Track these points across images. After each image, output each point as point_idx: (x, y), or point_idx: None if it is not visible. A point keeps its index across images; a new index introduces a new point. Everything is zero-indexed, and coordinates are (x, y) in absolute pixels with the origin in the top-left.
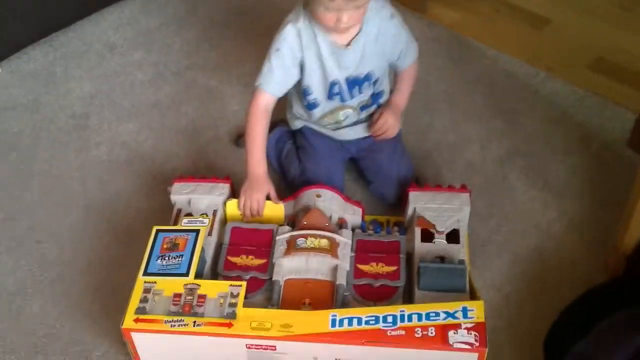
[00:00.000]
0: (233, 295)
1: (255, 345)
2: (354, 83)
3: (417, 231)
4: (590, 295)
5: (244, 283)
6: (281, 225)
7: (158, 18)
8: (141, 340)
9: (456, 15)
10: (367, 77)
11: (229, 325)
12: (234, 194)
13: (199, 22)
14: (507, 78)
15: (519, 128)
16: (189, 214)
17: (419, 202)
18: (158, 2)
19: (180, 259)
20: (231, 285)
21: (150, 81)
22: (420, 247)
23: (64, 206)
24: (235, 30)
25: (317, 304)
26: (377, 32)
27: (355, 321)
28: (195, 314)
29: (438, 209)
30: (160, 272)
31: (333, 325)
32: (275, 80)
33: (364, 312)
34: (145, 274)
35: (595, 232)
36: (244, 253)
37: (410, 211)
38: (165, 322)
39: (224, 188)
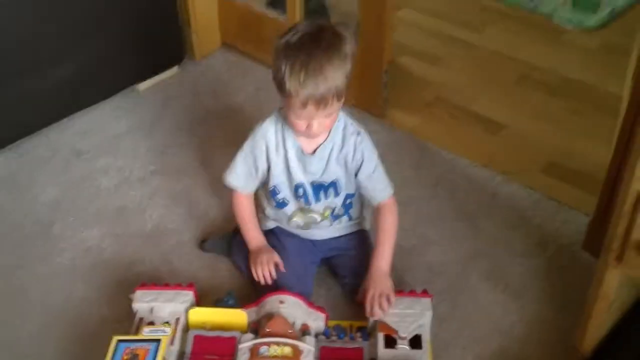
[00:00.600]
0: None
1: None
2: (319, 188)
3: (380, 337)
4: None
5: None
6: (244, 332)
7: (125, 124)
8: None
9: (415, 120)
10: (333, 184)
11: None
12: (198, 301)
13: (166, 128)
14: (466, 182)
15: (479, 231)
16: (151, 323)
17: None
18: (126, 108)
19: None
20: None
21: (116, 186)
22: (383, 353)
23: (23, 316)
24: (201, 137)
25: None
26: (341, 144)
27: None
28: None
29: (400, 314)
30: None
31: None
32: (240, 176)
33: None
34: None
35: (555, 334)
36: None
37: None
38: None
39: (188, 295)
